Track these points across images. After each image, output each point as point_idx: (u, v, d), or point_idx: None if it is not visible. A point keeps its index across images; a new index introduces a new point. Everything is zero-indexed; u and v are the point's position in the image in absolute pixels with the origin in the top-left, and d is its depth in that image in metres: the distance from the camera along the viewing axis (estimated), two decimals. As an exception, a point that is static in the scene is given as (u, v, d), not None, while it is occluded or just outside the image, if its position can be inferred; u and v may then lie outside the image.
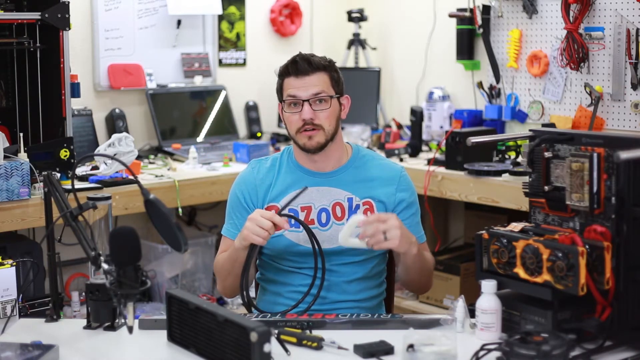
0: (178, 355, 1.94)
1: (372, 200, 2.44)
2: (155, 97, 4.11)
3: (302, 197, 2.39)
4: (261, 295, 2.54)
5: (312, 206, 2.43)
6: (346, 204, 2.43)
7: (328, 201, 2.43)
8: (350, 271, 2.43)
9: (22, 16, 3.17)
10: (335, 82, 2.45)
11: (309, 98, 2.39)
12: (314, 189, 2.43)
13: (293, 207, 2.40)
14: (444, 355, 1.78)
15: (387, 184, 2.47)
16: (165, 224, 1.93)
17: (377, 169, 2.50)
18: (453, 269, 3.85)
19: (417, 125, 4.07)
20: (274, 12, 4.58)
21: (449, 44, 4.22)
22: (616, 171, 1.90)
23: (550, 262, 1.88)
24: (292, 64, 2.42)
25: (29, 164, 3.01)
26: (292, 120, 2.41)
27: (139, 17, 4.12)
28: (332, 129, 2.42)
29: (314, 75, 2.40)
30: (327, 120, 2.40)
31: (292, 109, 2.41)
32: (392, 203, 2.45)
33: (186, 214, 4.20)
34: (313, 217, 2.42)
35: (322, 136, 2.40)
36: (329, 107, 2.41)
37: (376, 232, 2.19)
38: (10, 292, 2.21)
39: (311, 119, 2.39)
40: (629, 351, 1.90)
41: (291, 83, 2.42)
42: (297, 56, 2.44)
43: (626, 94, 3.51)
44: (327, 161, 2.46)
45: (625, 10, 3.47)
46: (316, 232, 2.38)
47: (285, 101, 2.43)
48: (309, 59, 2.42)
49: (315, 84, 2.40)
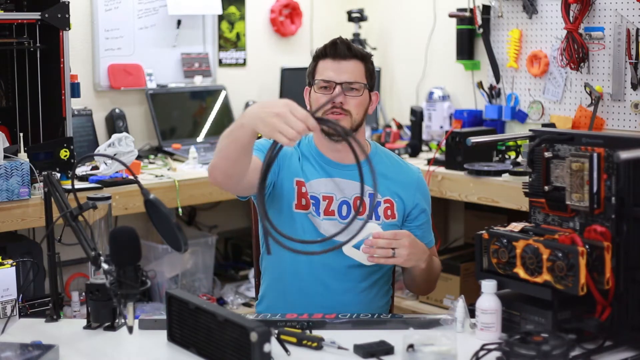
0: (178, 355, 1.94)
1: (392, 199, 2.42)
2: (155, 97, 4.11)
3: (326, 186, 2.37)
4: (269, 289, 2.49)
5: (334, 197, 2.39)
6: (367, 199, 2.36)
7: (349, 194, 2.39)
8: (358, 273, 2.40)
9: (22, 16, 3.17)
10: (369, 75, 2.40)
11: (342, 82, 2.34)
12: (335, 180, 2.39)
13: (315, 193, 2.37)
14: (444, 355, 1.78)
15: (406, 185, 2.45)
16: (165, 224, 1.93)
17: (395, 167, 2.47)
18: (453, 269, 3.85)
19: (417, 125, 4.07)
20: (274, 12, 4.58)
21: (449, 44, 4.22)
22: (616, 171, 1.90)
23: (550, 262, 1.88)
24: (332, 45, 2.37)
25: (29, 164, 3.01)
26: (320, 102, 2.34)
27: (139, 17, 4.12)
28: (359, 118, 2.36)
29: (351, 62, 2.36)
30: (356, 108, 2.35)
31: (323, 90, 2.36)
32: (410, 204, 2.44)
33: (186, 214, 4.20)
34: (334, 209, 2.38)
35: (348, 122, 2.34)
36: (360, 95, 2.36)
37: (387, 247, 2.18)
38: (10, 292, 2.21)
39: (341, 103, 2.33)
40: (629, 351, 1.90)
41: (327, 65, 2.36)
42: (338, 39, 2.38)
43: (626, 94, 3.51)
44: (349, 152, 2.33)
45: (625, 10, 3.47)
46: (335, 223, 2.35)
47: (316, 83, 2.37)
48: (349, 44, 2.37)
49: (351, 70, 2.35)
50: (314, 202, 2.38)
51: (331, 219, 2.37)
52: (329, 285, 2.38)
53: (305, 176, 2.39)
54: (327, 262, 2.36)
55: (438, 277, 2.50)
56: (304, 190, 2.37)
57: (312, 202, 2.37)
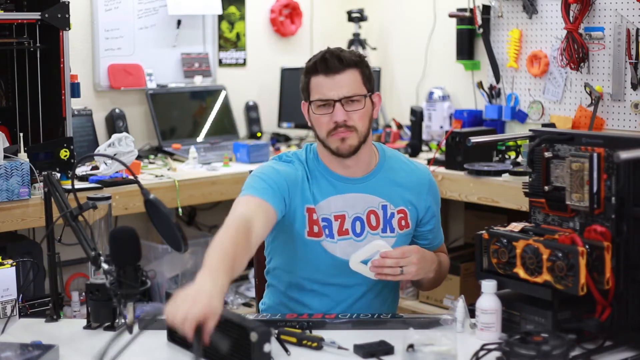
0: (178, 355, 1.94)
1: (406, 208, 2.33)
2: (155, 97, 4.11)
3: (336, 205, 2.27)
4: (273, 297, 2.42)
5: (346, 214, 2.27)
6: (381, 212, 2.29)
7: (362, 209, 2.28)
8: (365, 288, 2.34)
9: (22, 16, 3.17)
10: (367, 79, 2.26)
11: (341, 98, 2.20)
12: (347, 197, 2.28)
13: (326, 215, 2.27)
14: (444, 355, 1.78)
15: (417, 189, 2.36)
16: (165, 224, 1.93)
17: (405, 171, 2.37)
18: (453, 269, 3.82)
19: (417, 125, 4.07)
20: (274, 12, 4.58)
21: (449, 44, 4.21)
22: (616, 171, 1.90)
23: (550, 262, 1.88)
24: (322, 61, 2.21)
25: (29, 164, 3.01)
26: (322, 123, 2.22)
27: (139, 17, 4.12)
28: (365, 130, 2.24)
29: (345, 73, 2.20)
30: (361, 121, 2.22)
31: (322, 110, 2.22)
32: (422, 209, 2.36)
33: (186, 214, 4.20)
34: (347, 227, 2.27)
35: (356, 138, 2.22)
36: (362, 108, 2.22)
37: (394, 265, 2.14)
38: (10, 292, 2.21)
39: (344, 121, 2.20)
40: (629, 351, 1.90)
41: (320, 82, 2.21)
42: (327, 53, 2.24)
43: (626, 94, 3.51)
44: (359, 165, 2.29)
45: (625, 10, 3.47)
46: (350, 242, 2.27)
47: (313, 102, 2.23)
48: (340, 55, 2.21)
49: (347, 84, 2.20)
50: (326, 224, 2.26)
51: (346, 239, 2.28)
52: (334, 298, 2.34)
53: (315, 200, 2.27)
54: (337, 282, 2.30)
55: (447, 274, 2.46)
56: (314, 217, 2.26)
57: (324, 226, 2.26)
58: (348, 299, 2.32)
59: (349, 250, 2.24)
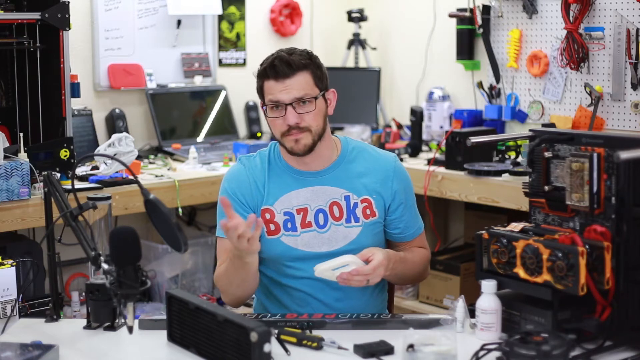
0: (178, 355, 1.94)
1: (370, 197, 2.36)
2: (155, 97, 4.11)
3: (297, 199, 2.34)
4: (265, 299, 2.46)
5: (308, 208, 2.34)
6: (344, 202, 2.35)
7: (324, 201, 2.35)
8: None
9: (22, 16, 3.17)
10: (318, 79, 2.30)
11: (292, 101, 2.26)
12: (308, 190, 2.36)
13: (288, 209, 2.34)
14: (444, 355, 1.78)
15: (382, 176, 2.38)
16: (165, 224, 1.93)
17: (369, 160, 2.40)
18: (453, 269, 3.85)
19: (417, 125, 4.07)
20: (274, 12, 4.58)
21: (449, 44, 4.22)
22: (616, 171, 1.90)
23: (550, 262, 1.88)
24: (271, 67, 2.27)
25: (29, 164, 3.01)
26: (276, 124, 2.29)
27: (139, 17, 4.12)
28: (319, 129, 2.30)
29: (295, 77, 2.25)
30: (314, 121, 2.28)
31: (275, 112, 2.28)
32: (389, 196, 2.38)
33: (186, 214, 4.20)
34: (310, 220, 2.33)
35: (309, 138, 2.28)
36: (314, 109, 2.28)
37: (363, 280, 2.17)
38: (10, 292, 2.21)
39: (297, 124, 2.26)
40: (629, 351, 1.91)
41: (271, 86, 2.27)
42: (276, 58, 2.28)
43: (626, 94, 3.51)
44: (318, 160, 2.36)
45: (625, 10, 3.47)
46: (314, 235, 2.33)
47: (266, 105, 2.30)
48: (288, 60, 2.26)
49: (297, 87, 2.25)
50: (288, 218, 2.33)
51: (310, 231, 2.33)
52: (320, 298, 2.37)
53: (270, 200, 2.35)
54: (306, 275, 2.34)
55: (425, 266, 2.46)
56: (268, 216, 2.33)
57: (285, 220, 2.33)
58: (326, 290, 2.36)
59: (313, 242, 2.33)
